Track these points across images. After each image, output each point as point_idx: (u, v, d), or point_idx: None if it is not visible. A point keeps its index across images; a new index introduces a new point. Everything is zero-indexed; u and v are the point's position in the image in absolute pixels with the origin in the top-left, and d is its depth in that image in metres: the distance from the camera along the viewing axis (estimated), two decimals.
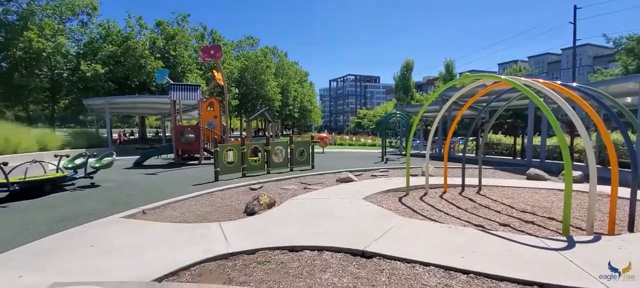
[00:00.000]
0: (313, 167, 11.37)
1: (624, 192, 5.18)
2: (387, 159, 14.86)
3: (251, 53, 48.54)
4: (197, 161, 13.98)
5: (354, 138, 39.11)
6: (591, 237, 3.94)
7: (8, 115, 29.22)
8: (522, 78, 5.44)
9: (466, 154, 8.07)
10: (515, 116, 25.69)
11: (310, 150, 11.63)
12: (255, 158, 10.83)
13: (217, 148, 9.31)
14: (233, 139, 20.56)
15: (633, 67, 30.38)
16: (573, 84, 5.42)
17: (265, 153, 10.51)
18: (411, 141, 7.66)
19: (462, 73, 6.36)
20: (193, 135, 13.69)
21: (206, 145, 14.43)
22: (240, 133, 47.30)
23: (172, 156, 14.25)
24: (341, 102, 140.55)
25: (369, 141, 35.03)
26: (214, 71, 16.71)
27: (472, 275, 3.04)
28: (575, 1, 28.11)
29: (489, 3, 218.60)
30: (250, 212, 5.39)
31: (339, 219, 4.90)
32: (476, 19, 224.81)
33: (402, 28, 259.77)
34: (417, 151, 19.75)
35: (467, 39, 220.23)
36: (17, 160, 10.70)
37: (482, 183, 7.56)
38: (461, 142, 22.15)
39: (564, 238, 3.95)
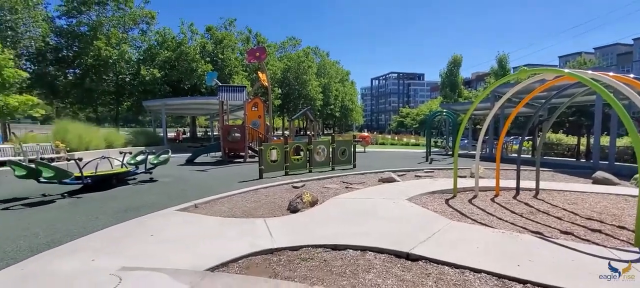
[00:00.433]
0: (354, 166, 11.30)
1: None
2: (432, 159, 14.30)
3: (293, 54, 49.55)
4: (243, 159, 14.59)
5: (396, 137, 38.18)
6: None
7: (80, 116, 32.89)
8: (589, 71, 4.92)
9: (521, 155, 7.48)
10: (578, 114, 23.31)
11: (351, 149, 11.57)
12: (297, 157, 11.03)
13: (262, 147, 9.62)
14: (276, 138, 21.15)
15: None
16: None
17: (307, 152, 10.66)
18: (459, 140, 7.29)
19: (517, 67, 5.92)
20: (239, 134, 14.32)
21: (251, 143, 15.00)
22: (282, 132, 48.49)
23: (220, 154, 15.02)
24: (383, 101, 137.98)
25: (412, 140, 33.96)
26: (259, 72, 17.30)
27: (530, 285, 2.81)
28: None
29: None
30: (293, 210, 5.50)
31: (382, 220, 4.82)
32: (532, 10, 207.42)
33: (449, 22, 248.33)
34: (465, 151, 18.75)
35: (521, 31, 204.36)
36: (89, 156, 12.01)
37: (540, 186, 6.97)
38: (515, 142, 20.63)
39: (637, 249, 3.51)
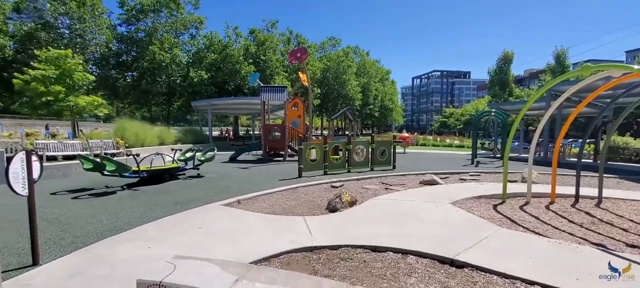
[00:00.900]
0: (394, 168, 11.06)
1: None
2: (478, 162, 13.54)
3: (333, 53, 49.71)
4: (282, 158, 14.92)
5: (439, 138, 36.70)
6: None
7: (136, 115, 35.84)
8: None
9: (581, 159, 6.82)
10: None
11: (391, 150, 11.34)
12: (336, 156, 11.05)
13: (301, 146, 9.78)
14: (315, 138, 21.37)
15: None
16: None
17: (346, 152, 10.64)
18: (510, 142, 6.82)
19: (577, 64, 5.40)
20: (279, 133, 14.67)
21: (290, 143, 15.30)
22: (320, 132, 48.85)
23: (261, 152, 15.51)
24: (425, 100, 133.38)
25: (456, 142, 32.41)
26: (300, 73, 17.60)
27: None
28: None
29: None
30: (332, 209, 5.52)
31: (424, 223, 4.67)
32: (595, 1, 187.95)
33: (499, 17, 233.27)
34: (516, 154, 17.51)
35: (582, 25, 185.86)
36: (144, 152, 13.03)
37: (604, 194, 6.31)
38: (574, 145, 18.87)
39: None
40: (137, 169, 7.97)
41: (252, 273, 2.04)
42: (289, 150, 15.06)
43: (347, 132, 22.68)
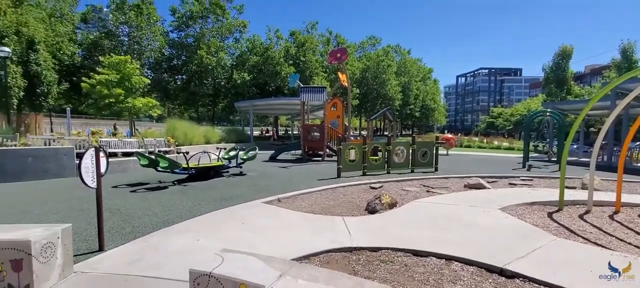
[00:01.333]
0: (436, 170, 10.66)
1: None
2: (530, 166, 12.59)
3: (373, 53, 49.13)
4: (321, 158, 15.04)
5: (485, 140, 34.67)
6: None
7: (185, 115, 38.22)
8: None
9: None
10: None
11: (433, 151, 10.94)
12: (375, 157, 10.90)
13: (340, 146, 9.78)
14: (353, 138, 21.26)
15: None
16: None
17: (386, 153, 10.46)
18: (569, 145, 6.26)
19: None
20: (318, 133, 14.81)
21: (329, 143, 15.37)
22: (359, 132, 48.48)
23: (300, 152, 15.76)
24: (470, 100, 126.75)
25: (505, 144, 30.40)
26: (339, 73, 17.63)
27: None
28: None
29: None
30: (371, 210, 5.46)
31: (469, 228, 4.45)
32: None
33: (555, 8, 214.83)
34: (575, 158, 16.03)
35: None
36: (192, 150, 13.85)
37: None
38: None
39: None
40: (187, 166, 8.49)
41: (295, 270, 2.09)
42: (328, 150, 15.14)
43: (387, 133, 22.27)
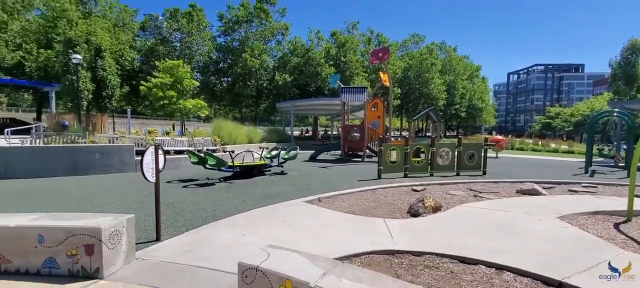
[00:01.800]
0: (484, 174, 10.07)
1: None
2: (594, 171, 11.40)
3: (415, 51, 47.72)
4: (361, 158, 14.92)
5: (540, 142, 32.00)
6: None
7: (229, 116, 40.09)
8: None
9: None
10: None
11: (482, 153, 10.34)
12: (418, 159, 10.58)
13: (381, 147, 9.63)
14: (394, 139, 20.80)
15: None
16: None
17: (429, 154, 10.11)
18: None
19: None
20: (358, 134, 14.72)
21: (369, 143, 15.20)
22: (399, 133, 47.30)
23: (339, 152, 15.77)
24: (523, 99, 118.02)
25: (563, 147, 27.84)
26: (381, 73, 17.37)
27: None
28: None
29: None
30: (414, 213, 5.32)
31: (523, 237, 4.15)
32: None
33: None
34: None
35: None
36: (236, 150, 14.48)
37: None
38: None
39: None
40: (232, 164, 8.91)
41: (338, 269, 2.11)
42: (368, 151, 14.99)
43: (429, 134, 21.50)
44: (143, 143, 13.18)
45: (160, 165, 3.91)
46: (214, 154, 9.40)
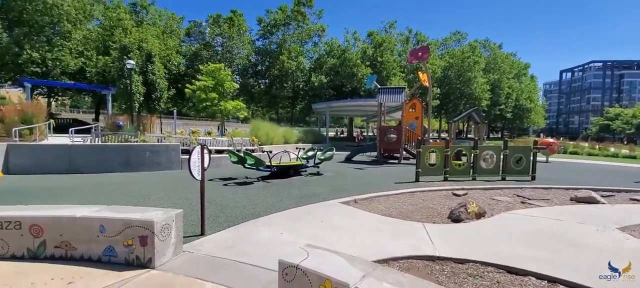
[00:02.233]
0: (533, 179, 9.40)
1: None
2: None
3: (457, 49, 45.80)
4: (397, 160, 14.61)
5: (598, 146, 29.23)
6: None
7: (266, 117, 41.16)
8: None
9: None
10: None
11: (530, 157, 9.67)
12: (459, 162, 10.15)
13: (420, 149, 9.36)
14: (433, 140, 20.10)
15: None
16: None
17: (471, 157, 9.65)
18: None
19: None
20: (395, 135, 14.43)
21: (406, 145, 14.84)
22: (438, 134, 45.62)
23: (375, 154, 15.56)
24: (577, 98, 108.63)
25: (624, 151, 25.17)
26: (419, 72, 16.91)
27: None
28: None
29: None
30: (455, 219, 5.11)
31: (578, 249, 3.83)
32: None
33: None
34: None
35: None
36: (274, 150, 14.84)
37: None
38: None
39: None
40: (270, 164, 9.14)
41: (378, 272, 2.09)
42: (405, 152, 14.64)
43: (471, 135, 20.52)
44: (187, 142, 13.96)
45: (205, 163, 4.12)
46: (253, 154, 9.70)
